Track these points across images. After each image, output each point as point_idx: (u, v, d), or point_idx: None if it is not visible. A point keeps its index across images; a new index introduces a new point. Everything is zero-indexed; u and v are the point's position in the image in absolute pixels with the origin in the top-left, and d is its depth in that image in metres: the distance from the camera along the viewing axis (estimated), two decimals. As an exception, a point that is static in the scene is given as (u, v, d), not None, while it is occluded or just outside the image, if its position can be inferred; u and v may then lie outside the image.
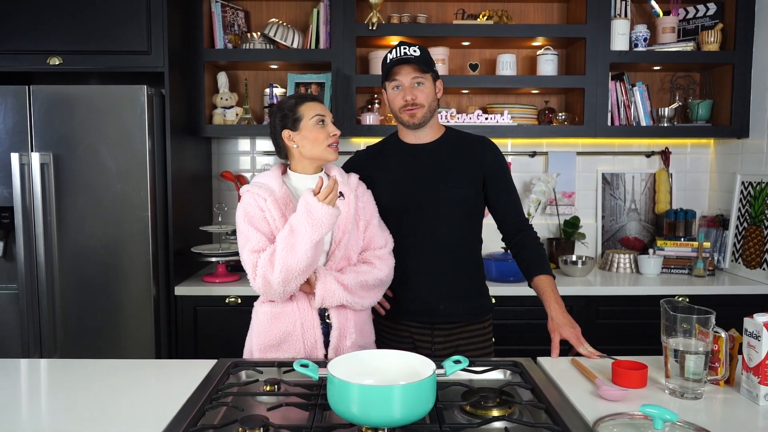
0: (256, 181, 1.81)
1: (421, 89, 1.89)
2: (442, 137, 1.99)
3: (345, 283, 1.76)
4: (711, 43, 2.98)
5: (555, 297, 1.84)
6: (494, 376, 1.57)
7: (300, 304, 1.77)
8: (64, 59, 2.61)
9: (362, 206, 1.86)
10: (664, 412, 1.16)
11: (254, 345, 1.81)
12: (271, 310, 1.78)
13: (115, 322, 2.59)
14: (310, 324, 1.76)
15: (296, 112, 1.80)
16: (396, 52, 1.89)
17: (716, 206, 3.25)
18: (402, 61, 1.87)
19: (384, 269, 1.85)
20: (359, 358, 1.34)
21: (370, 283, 1.82)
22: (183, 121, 2.84)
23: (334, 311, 1.79)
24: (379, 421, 1.17)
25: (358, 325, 1.83)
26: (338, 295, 1.75)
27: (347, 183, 1.86)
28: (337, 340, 1.78)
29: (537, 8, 3.23)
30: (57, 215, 2.53)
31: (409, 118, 1.91)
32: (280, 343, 1.77)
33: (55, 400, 1.45)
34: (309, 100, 1.83)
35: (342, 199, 1.82)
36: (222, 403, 1.37)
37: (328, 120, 1.82)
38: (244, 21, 3.14)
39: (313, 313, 1.77)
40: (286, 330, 1.76)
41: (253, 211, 1.74)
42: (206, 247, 2.84)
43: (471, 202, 1.96)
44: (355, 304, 1.79)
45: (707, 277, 2.89)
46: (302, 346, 1.76)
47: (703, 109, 3.09)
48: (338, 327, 1.78)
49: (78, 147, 2.52)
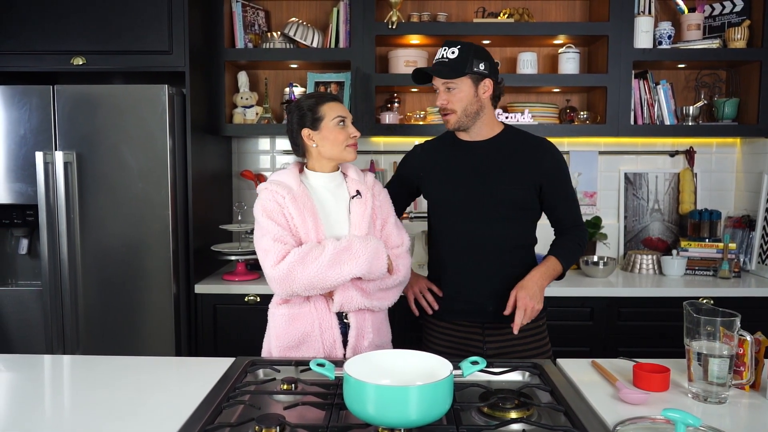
0: (273, 179, 1.81)
1: (453, 94, 1.85)
2: (498, 136, 1.94)
3: (363, 287, 1.77)
4: (738, 40, 2.92)
5: (541, 270, 1.84)
6: (513, 378, 1.56)
7: (317, 305, 1.77)
8: (87, 59, 2.65)
9: (379, 205, 1.86)
10: (686, 416, 1.13)
11: (273, 347, 1.81)
12: (289, 311, 1.78)
13: (136, 320, 2.62)
14: (328, 324, 1.77)
15: (317, 112, 1.80)
16: (439, 53, 1.88)
17: (742, 206, 3.18)
18: (437, 65, 1.86)
19: (402, 270, 1.84)
20: (376, 358, 1.33)
21: (389, 285, 1.82)
22: (204, 120, 2.86)
23: (352, 312, 1.79)
24: (396, 422, 1.17)
25: (375, 325, 1.83)
26: (357, 300, 1.75)
27: (364, 182, 1.86)
28: (355, 339, 1.78)
29: (558, 6, 3.20)
30: (80, 213, 2.57)
31: (445, 123, 1.91)
32: (299, 344, 1.78)
33: (77, 396, 1.48)
34: (330, 100, 1.83)
35: (359, 198, 1.81)
36: (239, 401, 1.38)
37: (348, 121, 1.83)
38: (264, 20, 3.15)
39: (331, 314, 1.77)
40: (304, 331, 1.77)
41: (272, 206, 1.75)
42: (226, 246, 2.86)
43: (526, 205, 1.91)
44: (374, 307, 1.80)
45: (732, 279, 2.83)
46: (321, 346, 1.76)
47: (730, 107, 3.02)
48: (356, 327, 1.79)
49: (101, 146, 2.55)
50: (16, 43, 2.64)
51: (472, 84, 1.86)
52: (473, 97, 1.86)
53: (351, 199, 1.83)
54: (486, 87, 1.88)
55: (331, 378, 1.30)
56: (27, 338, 2.64)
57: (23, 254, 2.71)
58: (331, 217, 1.80)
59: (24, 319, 2.63)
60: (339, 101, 1.86)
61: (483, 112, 1.89)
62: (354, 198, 1.83)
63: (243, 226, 2.88)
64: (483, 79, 1.87)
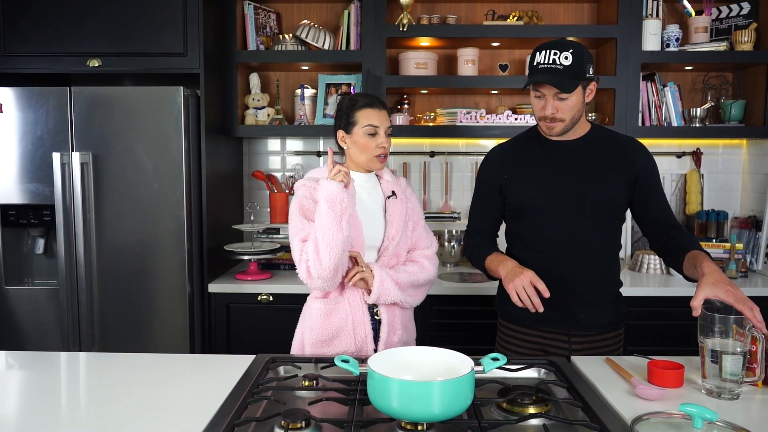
0: (308, 176, 1.87)
1: (564, 102, 1.72)
2: (588, 135, 1.84)
3: (399, 281, 1.83)
4: (745, 42, 2.95)
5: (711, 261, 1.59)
6: (530, 375, 1.59)
7: (351, 300, 1.82)
8: (103, 61, 2.68)
9: (411, 207, 1.93)
10: (704, 411, 1.16)
11: (306, 340, 1.86)
12: (325, 306, 1.83)
13: (151, 318, 2.65)
14: (361, 320, 1.82)
15: (352, 116, 1.83)
16: (544, 56, 1.70)
17: (749, 207, 3.21)
18: (547, 72, 1.69)
19: (432, 270, 1.93)
20: (398, 355, 1.36)
21: (420, 282, 1.89)
22: (217, 121, 2.89)
23: (383, 308, 1.85)
24: (419, 416, 1.20)
25: (404, 322, 1.90)
26: (393, 293, 1.81)
27: (398, 184, 1.93)
28: (387, 335, 1.84)
29: (567, 8, 3.23)
30: (96, 213, 2.60)
31: (547, 130, 1.78)
32: (332, 338, 1.82)
33: (99, 393, 1.49)
34: (367, 106, 1.83)
35: (395, 198, 1.88)
36: (263, 396, 1.41)
37: (381, 131, 1.83)
38: (275, 23, 3.18)
39: (364, 309, 1.83)
40: (338, 326, 1.82)
41: (307, 202, 1.80)
42: (239, 246, 2.89)
43: (618, 206, 1.83)
44: (405, 303, 1.86)
45: (740, 278, 2.86)
46: (353, 341, 1.81)
47: (736, 109, 3.05)
48: (387, 323, 1.84)
49: (116, 147, 2.58)
50: (33, 45, 2.68)
51: (582, 90, 1.74)
52: (582, 103, 1.75)
53: (387, 199, 1.89)
54: (590, 90, 1.77)
55: (355, 374, 1.33)
56: (43, 337, 2.67)
57: (39, 254, 2.75)
58: (368, 216, 1.86)
59: (40, 319, 2.67)
60: (378, 107, 1.84)
61: (581, 117, 1.80)
62: (390, 198, 1.89)
63: (255, 226, 2.92)
64: (590, 82, 1.76)
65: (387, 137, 1.85)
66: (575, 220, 1.80)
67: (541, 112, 1.75)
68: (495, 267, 1.80)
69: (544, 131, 1.80)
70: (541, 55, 1.71)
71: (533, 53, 1.74)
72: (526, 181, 1.83)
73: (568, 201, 1.79)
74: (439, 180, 3.32)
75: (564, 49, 1.68)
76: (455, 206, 3.31)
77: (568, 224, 1.80)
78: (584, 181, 1.79)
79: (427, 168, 3.31)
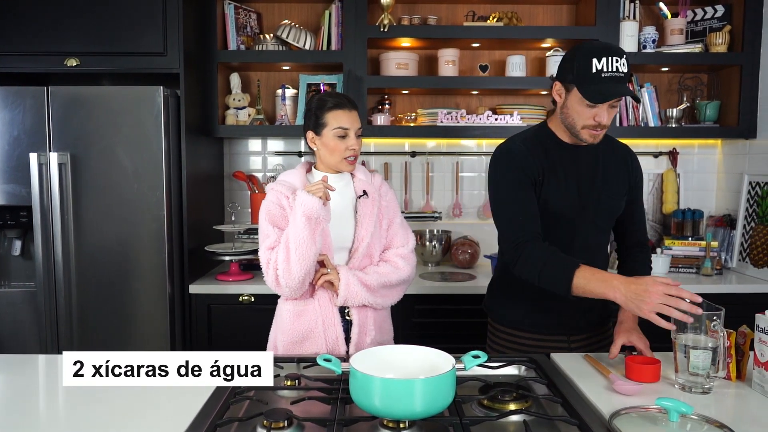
0: (280, 179, 1.85)
1: (614, 110, 1.66)
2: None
3: (368, 283, 1.80)
4: (719, 44, 3.01)
5: None
6: (510, 372, 1.61)
7: (321, 301, 1.81)
8: (81, 60, 2.66)
9: (385, 205, 1.90)
10: (679, 405, 1.19)
11: (279, 342, 1.86)
12: (294, 308, 1.82)
13: (131, 320, 2.63)
14: (331, 321, 1.81)
15: (321, 117, 1.81)
16: (606, 63, 1.58)
17: (723, 206, 3.28)
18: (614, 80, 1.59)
19: (407, 269, 1.88)
20: (380, 353, 1.37)
21: (393, 283, 1.85)
22: (197, 121, 2.88)
23: (354, 309, 1.84)
24: (401, 414, 1.21)
25: (377, 323, 1.88)
26: (361, 295, 1.79)
27: (371, 182, 1.90)
28: (357, 336, 1.83)
29: (546, 10, 3.27)
30: (74, 214, 2.57)
31: (591, 138, 1.69)
32: (303, 340, 1.82)
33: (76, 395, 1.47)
34: (337, 108, 1.80)
35: (366, 198, 1.86)
36: (245, 397, 1.41)
37: (351, 133, 1.80)
38: (256, 22, 3.17)
39: (334, 311, 1.82)
40: (308, 327, 1.81)
41: (275, 209, 1.78)
42: (219, 246, 2.88)
43: (617, 213, 1.84)
44: (375, 304, 1.84)
45: (715, 276, 2.92)
46: (324, 342, 1.80)
47: (711, 110, 3.11)
48: (359, 324, 1.83)
49: (95, 147, 2.56)
50: (10, 44, 2.64)
51: None
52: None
53: (358, 198, 1.87)
54: None
55: (338, 373, 1.34)
56: (20, 340, 2.64)
57: (16, 256, 2.71)
58: (337, 217, 1.84)
59: (17, 321, 2.63)
60: (348, 108, 1.81)
61: None
62: (361, 198, 1.86)
63: (236, 226, 2.91)
64: None
65: (357, 138, 1.82)
66: (586, 227, 1.79)
67: (593, 120, 1.64)
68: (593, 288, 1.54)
69: (587, 140, 1.69)
70: (603, 63, 1.58)
71: (587, 58, 1.60)
72: (554, 184, 1.74)
73: (583, 208, 1.77)
74: (421, 180, 3.34)
75: (621, 55, 1.60)
76: (436, 206, 3.33)
77: (579, 231, 1.78)
78: (598, 189, 1.78)
79: (408, 168, 3.32)
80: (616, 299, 1.49)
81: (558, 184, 1.74)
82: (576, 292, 1.56)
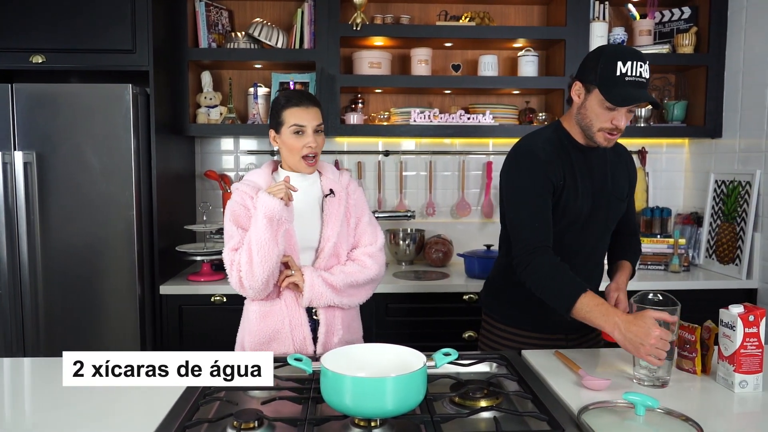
0: (246, 179, 1.84)
1: (631, 115, 1.66)
2: None
3: (333, 284, 1.78)
4: (686, 45, 3.07)
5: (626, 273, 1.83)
6: (481, 369, 1.62)
7: (288, 302, 1.80)
8: (47, 57, 2.60)
9: (353, 204, 1.88)
10: (645, 399, 1.21)
11: (246, 342, 1.84)
12: (260, 308, 1.81)
13: (100, 322, 2.58)
14: (298, 321, 1.79)
15: (280, 115, 1.79)
16: (631, 67, 1.57)
17: (691, 204, 3.34)
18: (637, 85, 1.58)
19: (374, 267, 1.86)
20: (351, 352, 1.37)
21: (360, 282, 1.83)
22: (167, 120, 2.84)
23: (321, 309, 1.82)
24: (372, 412, 1.21)
25: (345, 322, 1.86)
26: (326, 296, 1.77)
27: (338, 181, 1.88)
28: (324, 336, 1.81)
29: (518, 10, 3.29)
30: (41, 214, 2.52)
31: (606, 142, 1.68)
32: (270, 340, 1.80)
33: (43, 399, 1.45)
34: (295, 105, 1.77)
35: (332, 197, 1.84)
36: (215, 398, 1.40)
37: (309, 130, 1.76)
38: (227, 20, 3.14)
39: (301, 311, 1.80)
40: (275, 328, 1.80)
41: (239, 209, 1.77)
42: (191, 246, 2.84)
43: (622, 214, 1.86)
44: (343, 304, 1.82)
45: (682, 272, 2.98)
46: (291, 343, 1.79)
47: (678, 109, 3.17)
48: (326, 324, 1.82)
49: (62, 146, 2.51)
50: (-29, 41, 2.58)
51: None
52: None
53: (324, 197, 1.85)
54: None
55: (309, 372, 1.33)
56: (-15, 343, 2.57)
57: (-20, 257, 2.64)
58: (303, 217, 1.82)
59: (-19, 324, 2.57)
60: (306, 105, 1.78)
61: None
62: (327, 197, 1.85)
63: (208, 226, 2.88)
64: None
65: (316, 135, 1.78)
66: (597, 231, 1.80)
67: (611, 123, 1.63)
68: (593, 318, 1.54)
69: (601, 143, 1.68)
70: (627, 66, 1.57)
71: (612, 60, 1.58)
72: (572, 187, 1.72)
73: (597, 210, 1.77)
74: (394, 179, 3.34)
75: (645, 61, 1.60)
76: (410, 205, 3.34)
77: (591, 234, 1.79)
78: (608, 191, 1.78)
79: (381, 167, 3.32)
80: (613, 336, 1.49)
81: (576, 187, 1.73)
82: (575, 316, 1.56)
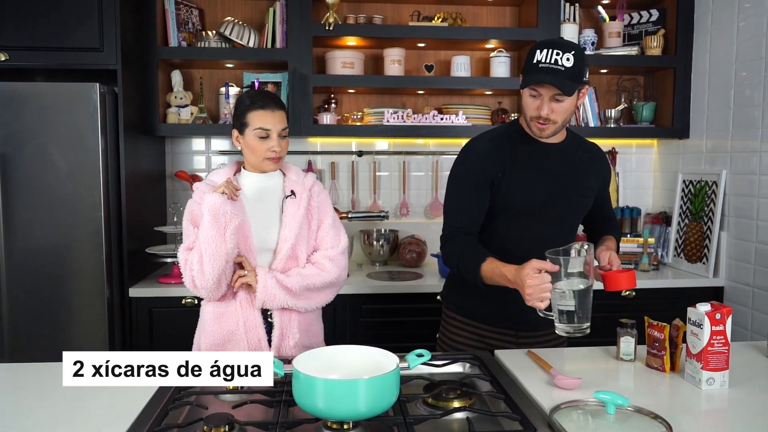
0: (207, 179, 1.83)
1: (560, 105, 1.66)
2: (567, 140, 1.83)
3: (288, 286, 1.76)
4: (654, 47, 3.12)
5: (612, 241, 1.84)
6: (454, 369, 1.62)
7: (243, 303, 1.78)
8: (11, 55, 2.53)
9: (315, 205, 1.86)
10: (616, 397, 1.22)
11: (202, 344, 1.83)
12: (215, 309, 1.80)
13: (68, 326, 2.52)
14: (253, 324, 1.77)
15: (244, 117, 1.78)
16: (546, 54, 1.62)
17: (660, 204, 3.40)
18: (549, 72, 1.62)
19: (334, 271, 1.83)
20: (324, 354, 1.36)
21: (318, 286, 1.80)
22: (136, 119, 2.79)
23: (276, 311, 1.80)
24: (345, 415, 1.20)
25: (303, 326, 1.83)
26: (280, 298, 1.75)
27: (301, 182, 1.86)
28: (278, 340, 1.79)
29: (490, 11, 3.31)
30: (4, 216, 2.45)
31: (538, 132, 1.72)
32: (225, 342, 1.79)
33: (7, 406, 1.41)
34: (260, 108, 1.76)
35: (293, 198, 1.83)
36: (185, 402, 1.37)
37: (274, 134, 1.76)
38: (198, 19, 3.10)
39: (256, 313, 1.78)
40: (230, 329, 1.78)
41: (196, 209, 1.76)
42: (161, 248, 2.80)
43: (584, 212, 1.89)
44: (298, 307, 1.79)
45: (652, 271, 3.03)
46: (246, 345, 1.77)
47: (647, 110, 3.22)
48: (280, 327, 1.80)
49: (27, 146, 2.44)
50: (-69, 37, 2.50)
51: (577, 93, 1.69)
52: (574, 106, 1.71)
53: (285, 199, 1.83)
54: (582, 93, 1.74)
55: (280, 375, 1.32)
56: (-54, 349, 2.50)
57: (-59, 260, 2.56)
58: (262, 218, 1.81)
59: (-58, 329, 2.49)
60: (272, 108, 1.76)
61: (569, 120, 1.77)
62: (288, 198, 1.83)
63: (178, 227, 2.83)
64: (584, 86, 1.72)
65: (281, 139, 1.77)
66: (552, 225, 1.81)
67: (536, 111, 1.68)
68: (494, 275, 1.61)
69: (535, 132, 1.73)
70: (543, 54, 1.63)
71: (533, 50, 1.65)
72: (519, 181, 1.76)
73: (552, 206, 1.79)
74: (368, 179, 3.33)
75: (566, 50, 1.62)
76: (384, 205, 3.33)
77: (544, 228, 1.80)
78: (568, 187, 1.80)
79: (355, 167, 3.31)
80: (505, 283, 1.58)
81: (524, 178, 1.76)
82: (488, 282, 1.64)
